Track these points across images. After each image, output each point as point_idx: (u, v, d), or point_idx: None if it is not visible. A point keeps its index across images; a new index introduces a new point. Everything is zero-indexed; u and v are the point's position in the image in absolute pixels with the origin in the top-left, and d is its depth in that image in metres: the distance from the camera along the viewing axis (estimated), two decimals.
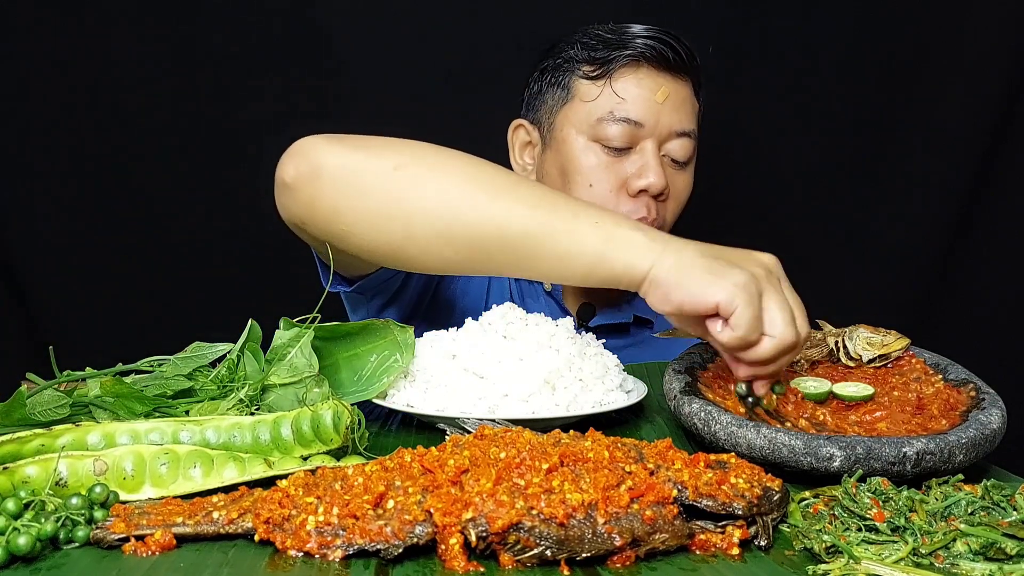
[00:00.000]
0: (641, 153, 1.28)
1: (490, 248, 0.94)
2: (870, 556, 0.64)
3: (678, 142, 1.30)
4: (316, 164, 1.00)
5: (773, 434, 0.80)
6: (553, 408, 0.94)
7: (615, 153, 1.27)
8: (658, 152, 1.28)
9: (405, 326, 0.99)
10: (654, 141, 1.28)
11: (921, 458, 0.77)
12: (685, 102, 1.31)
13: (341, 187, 0.99)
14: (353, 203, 0.98)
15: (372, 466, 0.72)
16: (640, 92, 1.27)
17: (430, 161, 0.98)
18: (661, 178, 1.26)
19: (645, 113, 1.27)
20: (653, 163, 1.27)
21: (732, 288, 0.82)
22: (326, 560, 0.65)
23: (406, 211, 0.96)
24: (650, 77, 1.28)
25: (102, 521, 0.69)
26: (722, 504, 0.68)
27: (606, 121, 1.27)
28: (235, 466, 0.79)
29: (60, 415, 0.89)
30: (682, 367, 0.98)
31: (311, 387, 0.92)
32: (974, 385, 0.92)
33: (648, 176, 1.26)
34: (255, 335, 0.96)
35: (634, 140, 1.27)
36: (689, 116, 1.32)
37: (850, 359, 0.99)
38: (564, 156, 1.30)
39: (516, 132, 1.40)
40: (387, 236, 0.98)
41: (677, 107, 1.29)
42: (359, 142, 1.01)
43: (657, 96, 1.27)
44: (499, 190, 0.94)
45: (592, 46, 1.30)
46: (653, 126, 1.27)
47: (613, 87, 1.28)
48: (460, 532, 0.64)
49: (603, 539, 0.64)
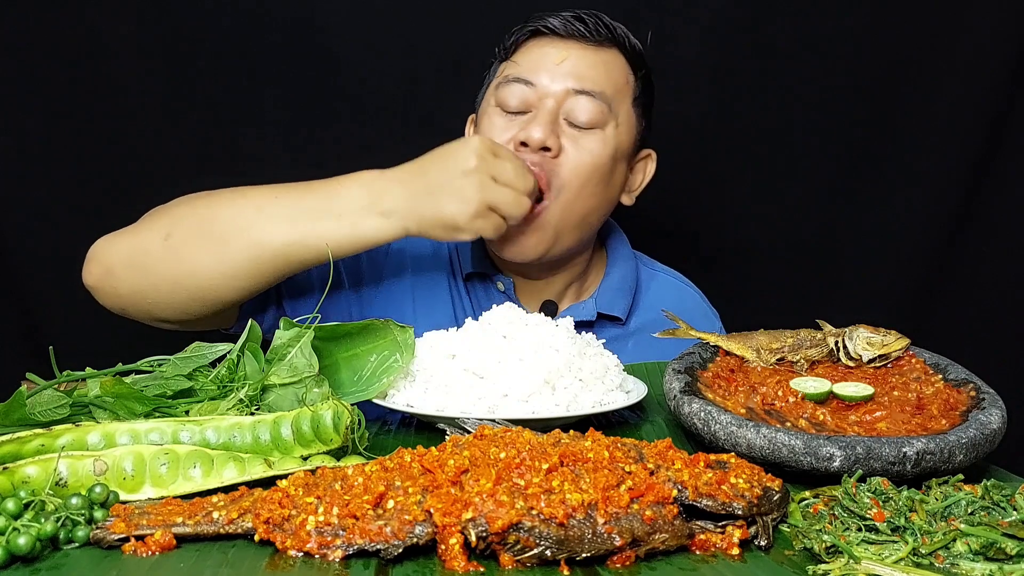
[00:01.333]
0: (534, 110, 1.26)
1: (271, 267, 1.14)
2: (870, 556, 0.64)
3: (578, 101, 1.25)
4: (106, 263, 1.18)
5: (773, 434, 0.80)
6: (553, 408, 0.94)
7: (513, 115, 1.27)
8: (554, 112, 1.25)
9: (405, 326, 0.99)
10: (551, 100, 1.25)
11: (921, 458, 0.77)
12: (595, 67, 1.27)
13: (130, 274, 1.16)
14: (144, 283, 1.16)
15: (372, 466, 0.72)
16: (537, 58, 1.28)
17: (190, 219, 1.16)
18: (541, 132, 1.22)
19: (538, 73, 1.26)
20: (541, 119, 1.23)
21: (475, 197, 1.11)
22: (326, 560, 0.65)
23: (188, 271, 1.14)
24: (551, 45, 1.28)
25: (102, 521, 0.69)
26: (722, 504, 0.68)
27: (503, 84, 1.28)
28: (235, 466, 0.79)
29: (60, 415, 0.89)
30: (682, 367, 0.98)
31: (311, 387, 0.92)
32: (974, 385, 0.92)
33: (530, 130, 1.23)
34: (255, 335, 0.96)
35: (530, 103, 1.26)
36: (597, 79, 1.26)
37: (850, 359, 0.99)
38: (480, 128, 1.32)
39: (470, 127, 1.42)
40: (188, 294, 1.16)
41: (581, 70, 1.26)
42: (135, 226, 1.19)
43: (555, 59, 1.27)
44: (254, 218, 1.13)
45: (517, 31, 1.32)
46: (545, 86, 1.26)
47: (515, 57, 1.30)
48: (460, 532, 0.64)
49: (603, 539, 0.64)
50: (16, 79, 1.65)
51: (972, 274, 1.78)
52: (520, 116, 1.27)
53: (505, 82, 1.28)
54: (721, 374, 0.99)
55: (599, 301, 1.37)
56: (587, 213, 1.29)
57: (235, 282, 1.14)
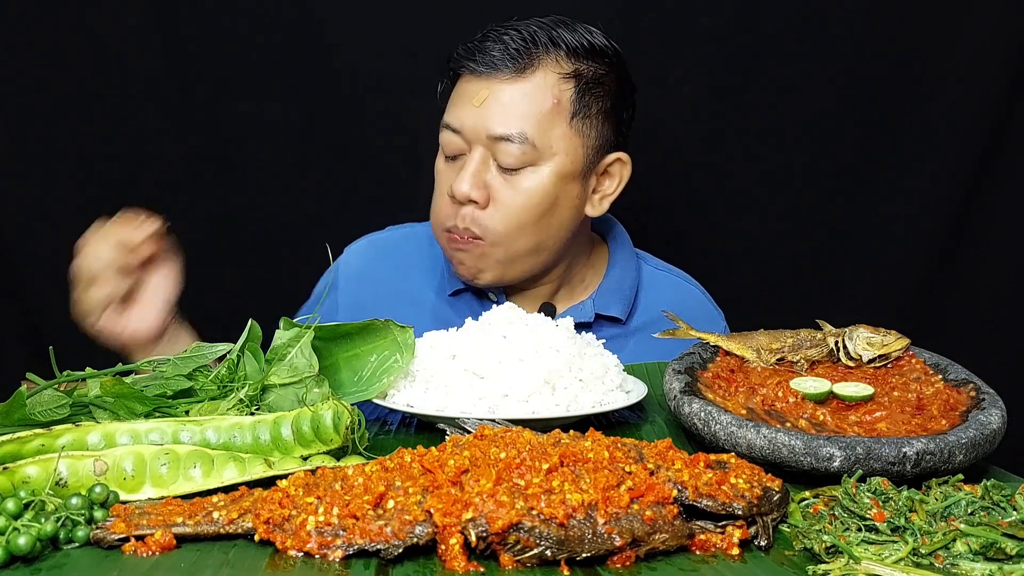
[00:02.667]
0: (464, 159, 1.25)
1: None
2: (870, 556, 0.64)
3: (502, 146, 1.22)
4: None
5: (773, 434, 0.80)
6: (553, 408, 0.94)
7: (451, 161, 1.27)
8: (484, 158, 1.24)
9: (405, 326, 0.99)
10: (480, 147, 1.24)
11: (921, 458, 0.77)
12: (514, 103, 1.22)
13: None
14: None
15: (372, 466, 0.72)
16: (461, 98, 1.26)
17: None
18: (463, 185, 1.22)
19: (461, 119, 1.24)
20: (467, 171, 1.23)
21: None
22: (326, 560, 0.65)
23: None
24: (473, 82, 1.25)
25: (102, 521, 0.69)
26: (722, 504, 0.68)
27: (442, 130, 1.28)
28: (235, 466, 0.79)
29: (60, 415, 0.89)
30: (682, 367, 0.98)
31: (311, 387, 0.92)
32: (974, 385, 0.92)
33: (455, 183, 1.23)
34: (255, 335, 0.96)
35: (462, 148, 1.25)
36: (516, 118, 1.22)
37: (850, 359, 0.99)
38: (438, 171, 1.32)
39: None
40: None
41: (501, 109, 1.22)
42: None
43: (474, 101, 1.23)
44: None
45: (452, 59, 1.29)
46: (470, 131, 1.24)
47: (451, 97, 1.28)
48: (460, 532, 0.64)
49: (603, 539, 0.64)
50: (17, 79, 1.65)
51: (972, 274, 1.78)
52: (455, 161, 1.27)
53: (443, 127, 1.27)
54: (721, 374, 0.99)
55: (597, 302, 1.37)
56: (537, 243, 1.28)
57: None
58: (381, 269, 1.42)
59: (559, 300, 1.39)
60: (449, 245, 1.28)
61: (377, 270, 1.42)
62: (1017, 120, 1.72)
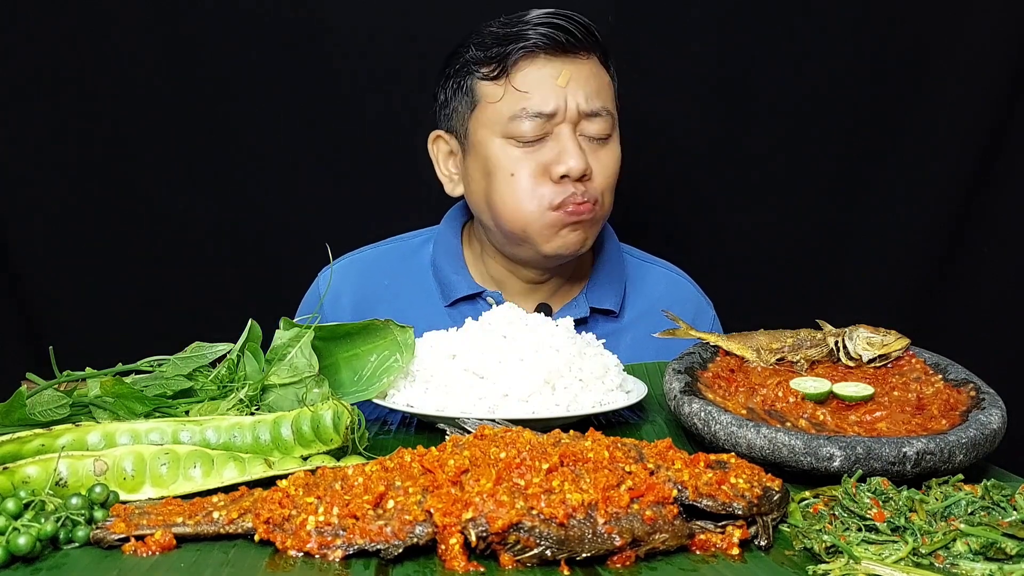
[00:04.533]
0: (557, 139, 1.27)
1: None
2: (870, 556, 0.64)
3: (592, 121, 1.29)
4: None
5: (773, 434, 0.80)
6: (553, 408, 0.94)
7: (531, 144, 1.28)
8: (574, 134, 1.28)
9: (405, 326, 0.99)
10: (568, 125, 1.27)
11: (921, 458, 0.77)
12: (590, 79, 1.29)
13: None
14: None
15: (372, 466, 0.72)
16: (541, 82, 1.27)
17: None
18: (580, 161, 1.26)
19: (551, 102, 1.26)
20: (570, 147, 1.26)
21: None
22: (326, 560, 0.65)
23: None
24: (548, 64, 1.27)
25: (102, 521, 0.69)
26: (722, 504, 0.68)
27: (517, 119, 1.27)
28: (235, 466, 0.79)
29: (60, 415, 0.89)
30: (682, 367, 0.98)
31: (311, 387, 0.92)
32: (974, 385, 0.92)
33: (567, 161, 1.26)
34: (255, 335, 0.96)
35: (547, 129, 1.27)
36: (597, 93, 1.29)
37: (850, 359, 0.99)
38: (484, 159, 1.31)
39: (436, 143, 1.40)
40: None
41: (582, 86, 1.28)
42: None
43: (559, 81, 1.27)
44: None
45: (486, 45, 1.30)
46: (563, 112, 1.27)
47: (513, 84, 1.28)
48: (460, 532, 0.64)
49: (603, 539, 0.64)
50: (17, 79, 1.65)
51: (972, 274, 1.78)
52: (535, 144, 1.28)
53: (523, 117, 1.27)
54: (721, 374, 0.99)
55: (589, 296, 1.37)
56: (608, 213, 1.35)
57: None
58: (368, 287, 1.41)
59: (554, 300, 1.39)
60: (565, 220, 1.28)
61: (364, 288, 1.41)
62: (1017, 120, 1.72)
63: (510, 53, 1.27)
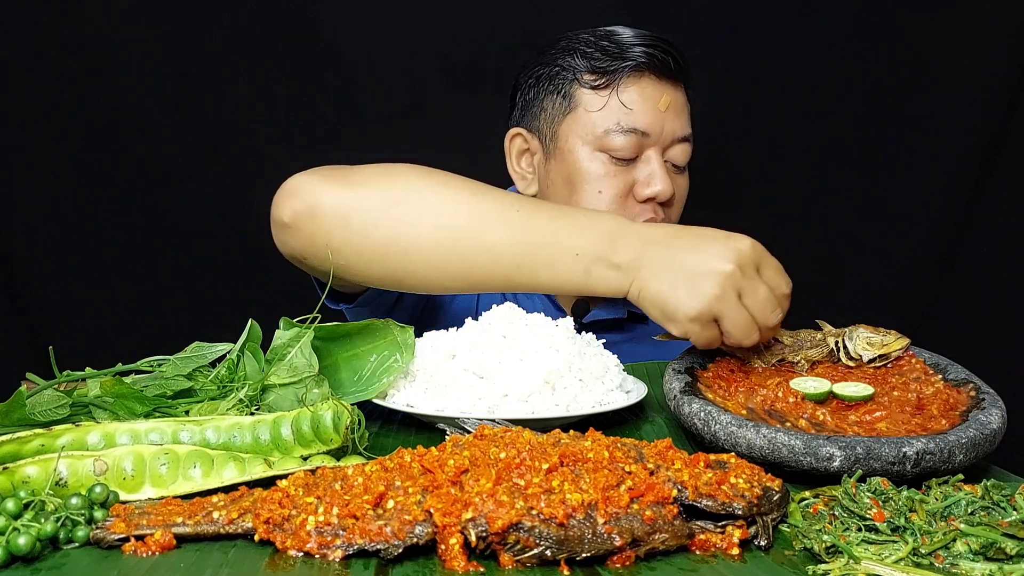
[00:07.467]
0: (647, 162, 1.31)
1: (483, 277, 1.02)
2: (870, 556, 0.64)
3: (679, 147, 1.34)
4: (312, 203, 1.05)
5: (773, 434, 0.80)
6: (553, 408, 0.94)
7: (622, 162, 1.31)
8: (661, 159, 1.32)
9: (405, 326, 0.99)
10: (658, 149, 1.32)
11: (921, 458, 0.77)
12: (683, 107, 1.35)
13: (339, 226, 1.03)
14: (351, 240, 1.03)
15: (372, 466, 0.72)
16: (645, 102, 1.31)
17: (423, 195, 1.03)
18: (669, 186, 1.31)
19: (651, 123, 1.30)
20: (660, 172, 1.31)
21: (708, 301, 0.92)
22: (326, 560, 0.65)
23: (403, 247, 1.02)
24: (652, 86, 1.32)
25: (102, 521, 0.69)
26: (722, 504, 0.68)
27: (613, 132, 1.30)
28: (235, 466, 0.79)
29: (60, 415, 0.89)
30: (682, 367, 0.98)
31: (311, 387, 0.92)
32: (974, 385, 0.92)
33: (656, 184, 1.30)
34: (255, 335, 0.96)
35: (639, 149, 1.31)
36: (687, 120, 1.35)
37: (850, 359, 0.99)
38: (570, 166, 1.33)
39: (513, 141, 1.41)
40: (385, 269, 1.04)
41: (677, 113, 1.33)
42: (352, 177, 1.06)
43: (660, 105, 1.31)
44: (490, 221, 1.01)
45: (591, 55, 1.32)
46: (658, 135, 1.31)
47: (620, 98, 1.30)
48: (460, 532, 0.64)
49: (603, 539, 0.64)
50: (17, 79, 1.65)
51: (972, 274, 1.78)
52: (625, 163, 1.31)
53: (619, 131, 1.29)
54: (721, 374, 0.99)
55: None
56: None
57: (441, 278, 1.03)
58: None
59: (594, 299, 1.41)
60: None
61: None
62: (1017, 120, 1.72)
63: (619, 68, 1.30)
